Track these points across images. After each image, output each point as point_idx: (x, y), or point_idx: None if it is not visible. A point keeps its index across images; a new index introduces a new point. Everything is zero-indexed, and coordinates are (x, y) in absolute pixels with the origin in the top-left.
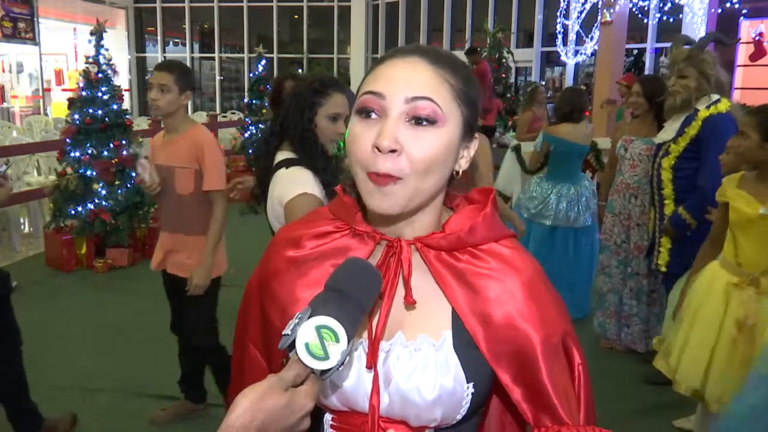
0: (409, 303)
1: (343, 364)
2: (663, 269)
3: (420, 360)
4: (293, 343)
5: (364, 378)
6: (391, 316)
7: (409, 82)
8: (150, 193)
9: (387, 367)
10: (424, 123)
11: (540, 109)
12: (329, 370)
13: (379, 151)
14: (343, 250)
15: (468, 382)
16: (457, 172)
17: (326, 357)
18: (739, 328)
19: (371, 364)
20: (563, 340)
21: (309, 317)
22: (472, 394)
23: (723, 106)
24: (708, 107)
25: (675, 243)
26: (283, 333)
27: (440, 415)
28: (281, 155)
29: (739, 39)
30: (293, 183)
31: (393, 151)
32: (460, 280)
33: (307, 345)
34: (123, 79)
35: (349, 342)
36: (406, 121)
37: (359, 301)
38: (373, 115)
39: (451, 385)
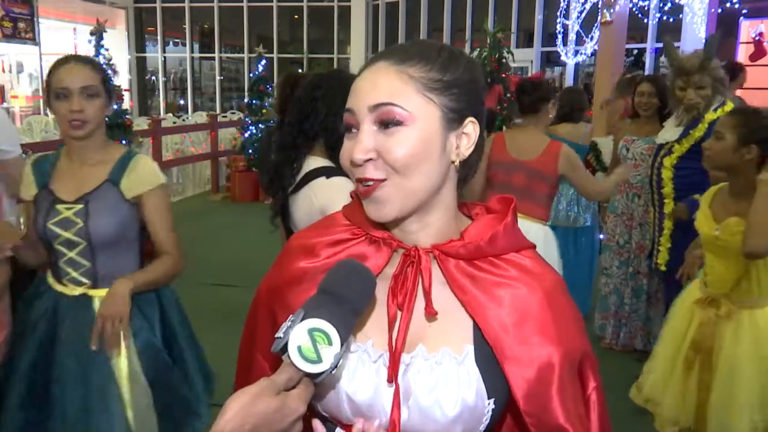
0: (431, 314)
1: (336, 367)
2: (663, 268)
3: (442, 374)
4: (286, 346)
5: (382, 391)
6: (411, 328)
7: (370, 91)
8: None
9: (407, 380)
10: (391, 126)
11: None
12: (322, 373)
13: (356, 164)
14: (359, 257)
15: (489, 398)
16: (466, 161)
17: (319, 360)
18: (696, 350)
19: (392, 377)
20: (580, 360)
21: (301, 320)
22: (492, 410)
23: (729, 108)
24: (715, 110)
25: (674, 242)
26: (276, 336)
27: (460, 431)
28: (314, 161)
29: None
30: (342, 196)
31: (370, 160)
32: (479, 290)
33: (299, 348)
34: (123, 79)
35: (342, 345)
36: (376, 129)
37: (353, 303)
38: (354, 130)
39: (473, 400)
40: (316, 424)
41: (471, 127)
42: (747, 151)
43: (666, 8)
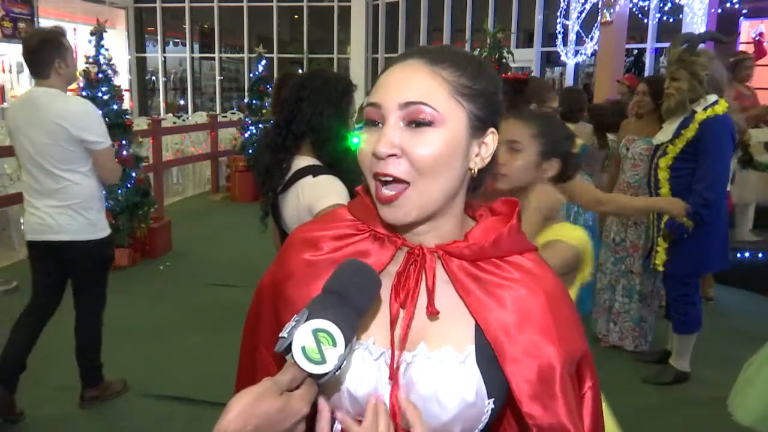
0: (432, 314)
1: (340, 368)
2: (660, 268)
3: (443, 372)
4: (290, 346)
5: (383, 388)
6: (412, 326)
7: (402, 87)
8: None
9: (408, 377)
10: (421, 125)
11: (743, 87)
12: (326, 374)
13: (379, 157)
14: (363, 254)
15: (489, 398)
16: (479, 171)
17: (323, 361)
18: None
19: (393, 374)
20: (579, 361)
21: (306, 320)
22: (492, 410)
23: (720, 107)
24: (705, 109)
25: (672, 243)
26: (280, 336)
27: (459, 429)
28: (302, 161)
29: (739, 34)
30: (329, 193)
31: (393, 155)
32: (482, 291)
33: (303, 349)
34: (123, 79)
35: (346, 346)
36: (403, 126)
37: (357, 304)
38: (379, 124)
39: (472, 399)
40: (322, 405)
41: (491, 138)
42: (549, 166)
43: (666, 8)
